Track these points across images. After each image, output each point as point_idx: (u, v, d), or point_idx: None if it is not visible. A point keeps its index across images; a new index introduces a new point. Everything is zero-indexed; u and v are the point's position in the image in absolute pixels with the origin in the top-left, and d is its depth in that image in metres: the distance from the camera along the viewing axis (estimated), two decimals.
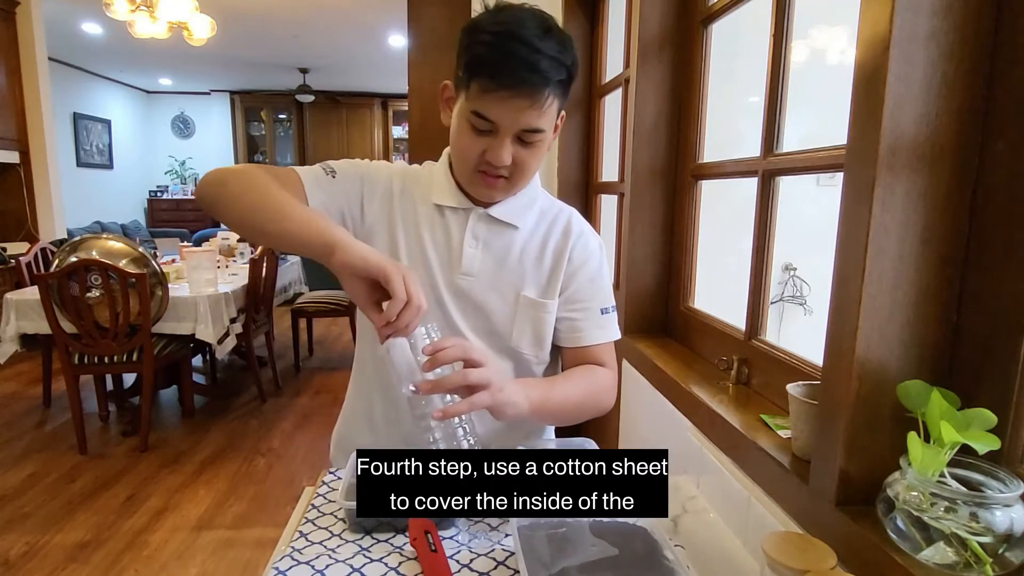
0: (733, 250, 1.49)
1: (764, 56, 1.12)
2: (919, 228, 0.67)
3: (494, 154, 0.85)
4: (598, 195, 2.28)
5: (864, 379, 0.69)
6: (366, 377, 1.04)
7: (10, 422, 3.37)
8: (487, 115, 0.82)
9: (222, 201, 0.86)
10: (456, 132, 0.89)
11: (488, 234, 0.96)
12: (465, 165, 0.90)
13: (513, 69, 0.79)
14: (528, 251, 0.98)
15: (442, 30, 2.83)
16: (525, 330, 0.98)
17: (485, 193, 0.92)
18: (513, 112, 0.82)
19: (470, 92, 0.83)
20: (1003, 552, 0.57)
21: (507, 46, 0.79)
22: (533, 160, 0.89)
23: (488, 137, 0.85)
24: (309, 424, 3.43)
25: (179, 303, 3.04)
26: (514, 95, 0.80)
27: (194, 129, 9.20)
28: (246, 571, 2.12)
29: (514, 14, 0.82)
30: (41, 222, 4.87)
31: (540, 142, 0.87)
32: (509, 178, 0.89)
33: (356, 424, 1.07)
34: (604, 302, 1.00)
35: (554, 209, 1.02)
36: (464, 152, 0.88)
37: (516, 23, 0.80)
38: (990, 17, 0.65)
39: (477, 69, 0.81)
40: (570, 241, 0.99)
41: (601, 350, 1.00)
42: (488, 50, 0.80)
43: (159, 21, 3.97)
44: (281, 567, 0.74)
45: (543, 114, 0.83)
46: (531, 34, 0.79)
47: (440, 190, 0.97)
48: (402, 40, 5.75)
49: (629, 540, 0.75)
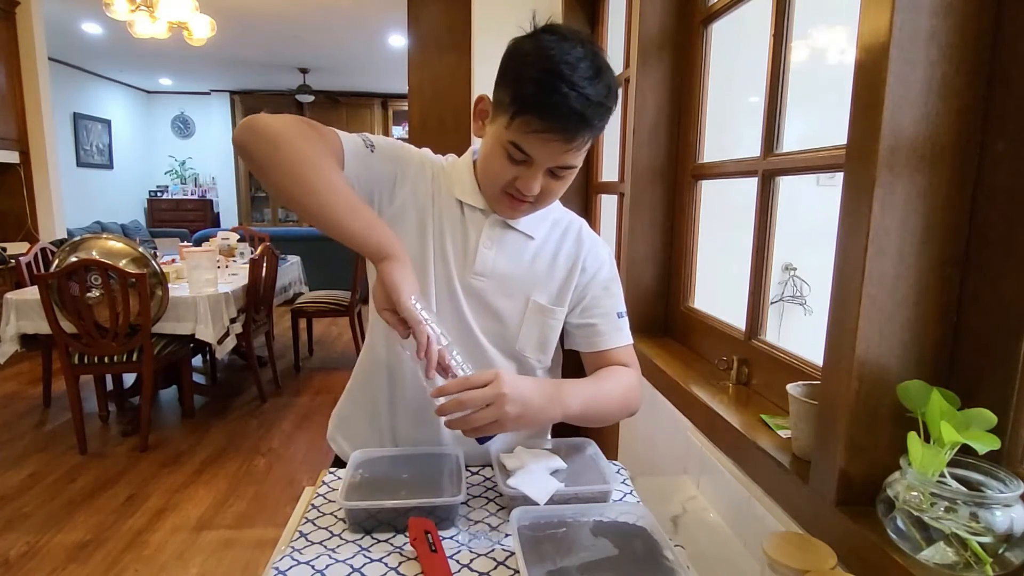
0: (733, 250, 1.49)
1: (764, 56, 1.12)
2: (919, 228, 0.67)
3: (525, 184, 0.87)
4: (598, 195, 2.28)
5: (864, 379, 0.69)
6: (375, 358, 1.04)
7: (10, 422, 3.37)
8: (526, 150, 0.84)
9: (272, 166, 0.82)
10: (489, 154, 0.90)
11: (503, 239, 0.97)
12: (493, 187, 0.91)
13: (561, 116, 0.79)
14: (540, 258, 1.00)
15: (442, 30, 2.83)
16: (531, 334, 1.00)
17: (508, 213, 0.95)
18: (553, 152, 0.83)
19: (512, 125, 0.82)
20: (1003, 552, 0.57)
21: (558, 90, 0.78)
22: (560, 189, 0.91)
23: (521, 166, 0.86)
24: (309, 424, 3.43)
25: (179, 303, 3.04)
26: (557, 139, 0.81)
27: (194, 129, 9.20)
28: (246, 571, 2.12)
29: (566, 49, 0.80)
30: (41, 222, 4.87)
31: (571, 175, 0.89)
32: (534, 203, 0.91)
33: (360, 405, 1.08)
34: (619, 307, 1.04)
35: (566, 219, 1.05)
36: (495, 176, 0.89)
37: (568, 64, 0.78)
38: (990, 17, 0.65)
39: (523, 107, 0.80)
40: (582, 251, 1.02)
41: (623, 352, 1.03)
42: (537, 90, 0.79)
43: (159, 21, 3.97)
44: (281, 567, 0.74)
45: (579, 153, 0.86)
46: (582, 77, 0.78)
47: (463, 187, 0.97)
48: (402, 40, 5.75)
49: (629, 540, 0.75)
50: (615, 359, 1.02)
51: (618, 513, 0.80)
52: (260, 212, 9.12)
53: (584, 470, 0.93)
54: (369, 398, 1.05)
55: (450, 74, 2.96)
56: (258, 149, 0.83)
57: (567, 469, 0.92)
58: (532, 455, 0.93)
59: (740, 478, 0.94)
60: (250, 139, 0.84)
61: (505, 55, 0.86)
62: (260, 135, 0.83)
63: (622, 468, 1.01)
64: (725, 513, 0.97)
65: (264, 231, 5.69)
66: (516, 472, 0.88)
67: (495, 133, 0.87)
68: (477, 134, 0.94)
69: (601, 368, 1.02)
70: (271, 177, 0.83)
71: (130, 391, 3.64)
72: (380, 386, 1.03)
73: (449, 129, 3.00)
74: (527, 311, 0.99)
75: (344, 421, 1.11)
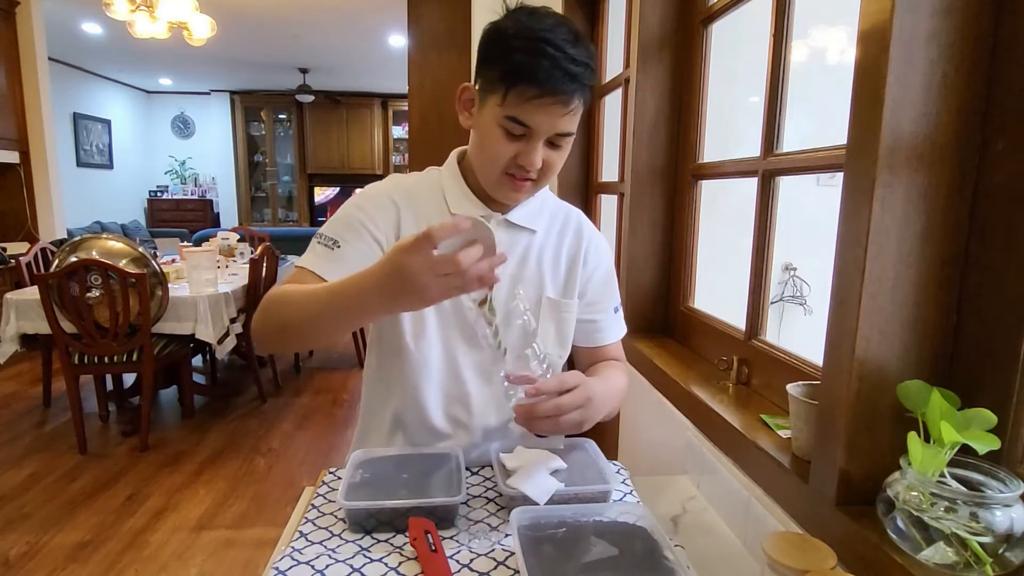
0: (733, 250, 1.49)
1: (764, 56, 1.12)
2: (919, 228, 0.67)
3: (527, 158, 0.86)
4: (598, 195, 2.28)
5: (864, 379, 0.69)
6: (383, 385, 1.03)
7: (10, 422, 3.37)
8: (525, 120, 0.84)
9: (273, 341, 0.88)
10: (485, 137, 0.89)
11: (509, 240, 0.98)
12: (494, 169, 0.90)
13: (554, 78, 0.81)
14: (545, 253, 1.01)
15: (442, 30, 2.83)
16: (549, 330, 1.01)
17: (512, 196, 0.94)
18: (551, 117, 0.84)
19: (507, 98, 0.83)
20: (1003, 552, 0.57)
21: (546, 54, 0.80)
22: (560, 161, 0.91)
23: (521, 142, 0.86)
24: (309, 424, 3.43)
25: (179, 303, 3.04)
26: (554, 101, 0.82)
27: (194, 129, 9.20)
28: (246, 571, 2.12)
29: (543, 20, 0.83)
30: (41, 222, 4.87)
31: (568, 144, 0.90)
32: (536, 180, 0.91)
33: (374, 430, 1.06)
34: (615, 300, 1.07)
35: (562, 209, 1.05)
36: (495, 157, 0.88)
37: (548, 29, 0.81)
38: (990, 17, 0.65)
39: (516, 76, 0.81)
40: (583, 244, 1.03)
41: (616, 346, 1.07)
42: (527, 57, 0.81)
43: (159, 21, 3.97)
44: (281, 567, 0.74)
45: (575, 118, 0.86)
46: (564, 41, 0.81)
47: (456, 200, 0.97)
48: (402, 40, 5.75)
49: (629, 540, 0.75)
50: (610, 353, 1.06)
51: (618, 513, 0.80)
52: (260, 212, 9.12)
53: (584, 470, 0.93)
54: (386, 431, 1.04)
55: (450, 74, 2.96)
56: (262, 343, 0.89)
57: (567, 469, 0.92)
58: (532, 455, 0.93)
59: (740, 478, 0.94)
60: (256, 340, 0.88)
61: (483, 39, 0.87)
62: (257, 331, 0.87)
63: (622, 468, 1.01)
64: (725, 513, 0.97)
65: (264, 231, 5.70)
66: (516, 472, 0.88)
67: (488, 115, 0.87)
68: (466, 125, 0.94)
69: (597, 361, 1.05)
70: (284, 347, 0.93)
71: (130, 391, 3.64)
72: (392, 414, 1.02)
73: (449, 129, 2.99)
74: (542, 309, 1.00)
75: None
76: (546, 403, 0.78)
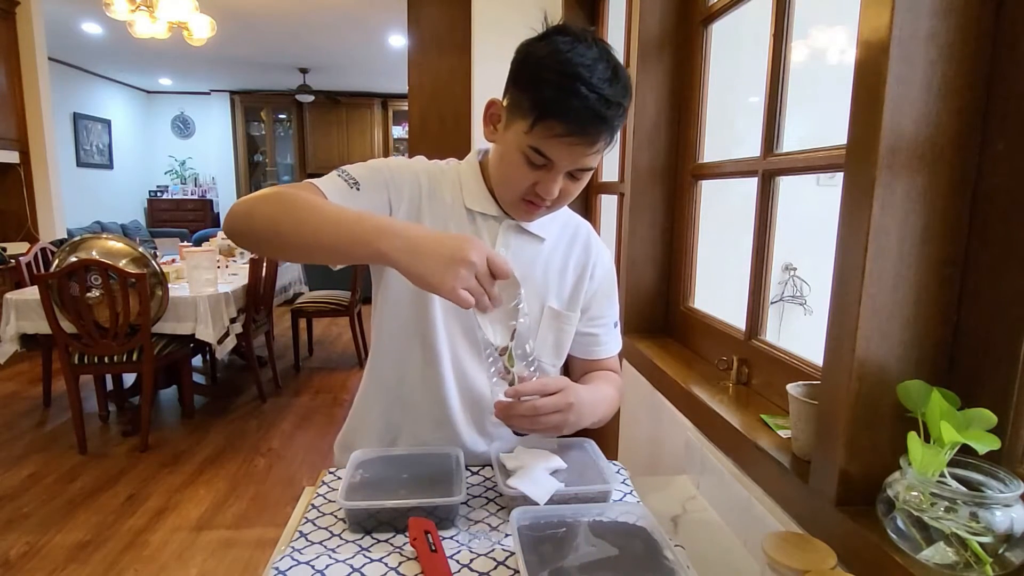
0: (733, 250, 1.49)
1: (764, 56, 1.12)
2: (919, 228, 0.67)
3: (545, 188, 0.86)
4: (598, 195, 2.28)
5: (864, 379, 0.69)
6: (381, 382, 1.03)
7: (10, 422, 3.37)
8: (548, 154, 0.83)
9: (255, 228, 0.81)
10: (506, 161, 0.88)
11: (517, 244, 0.98)
12: (512, 192, 0.90)
13: (583, 119, 0.79)
14: (552, 263, 1.01)
15: (442, 30, 2.83)
16: (547, 339, 1.01)
17: (525, 217, 0.95)
18: (574, 155, 0.83)
19: (533, 131, 0.81)
20: (1003, 552, 0.57)
21: (579, 93, 0.77)
22: (577, 191, 0.91)
23: (541, 171, 0.85)
24: (309, 424, 3.42)
25: (179, 303, 3.04)
26: (580, 142, 0.81)
27: (194, 129, 9.20)
28: (246, 571, 2.12)
29: (581, 51, 0.79)
30: (41, 222, 4.87)
31: (588, 176, 0.90)
32: (551, 205, 0.91)
33: (364, 431, 1.06)
34: (616, 316, 1.08)
35: (573, 222, 1.06)
36: (514, 182, 0.88)
37: (586, 66, 0.78)
38: (990, 17, 0.65)
39: (544, 112, 0.80)
40: (591, 258, 1.03)
41: (614, 359, 1.09)
42: (557, 95, 0.79)
43: (159, 21, 3.97)
44: (281, 567, 0.74)
45: (599, 155, 0.86)
46: (601, 79, 0.78)
47: (472, 195, 0.96)
48: (402, 40, 5.75)
49: (629, 540, 0.75)
50: (606, 365, 1.07)
51: (618, 513, 0.80)
52: None
53: (584, 470, 0.93)
54: (377, 426, 1.04)
55: (450, 74, 2.96)
56: (236, 224, 0.82)
57: (567, 469, 0.92)
58: (532, 455, 0.93)
59: (740, 478, 0.94)
60: (230, 219, 0.82)
61: (517, 58, 0.85)
62: (238, 209, 0.82)
63: (622, 468, 1.01)
64: (725, 513, 0.97)
65: None
66: (516, 472, 0.88)
67: (513, 139, 0.85)
68: (489, 139, 0.93)
69: (592, 372, 1.06)
70: (267, 245, 0.81)
71: (130, 391, 3.64)
72: (387, 411, 1.03)
73: (449, 129, 2.99)
74: (543, 317, 1.00)
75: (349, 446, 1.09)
76: (524, 403, 0.80)
